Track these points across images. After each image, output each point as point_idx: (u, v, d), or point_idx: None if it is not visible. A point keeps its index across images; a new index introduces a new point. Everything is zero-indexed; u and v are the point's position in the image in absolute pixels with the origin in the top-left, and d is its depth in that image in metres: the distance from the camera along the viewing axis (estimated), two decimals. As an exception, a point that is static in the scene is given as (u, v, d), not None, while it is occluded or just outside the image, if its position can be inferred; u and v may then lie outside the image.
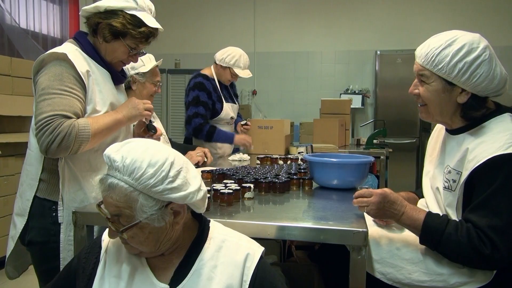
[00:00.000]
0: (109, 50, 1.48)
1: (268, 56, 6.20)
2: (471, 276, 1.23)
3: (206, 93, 2.76)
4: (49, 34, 4.79)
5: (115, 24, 1.41)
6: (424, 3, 5.71)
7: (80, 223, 1.30)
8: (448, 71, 1.23)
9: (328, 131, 3.70)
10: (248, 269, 0.95)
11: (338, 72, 6.07)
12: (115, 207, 0.89)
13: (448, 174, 1.29)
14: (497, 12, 5.52)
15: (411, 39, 5.71)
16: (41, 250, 1.42)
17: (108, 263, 0.99)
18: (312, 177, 1.75)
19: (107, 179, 0.89)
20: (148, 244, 0.92)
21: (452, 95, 1.27)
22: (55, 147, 1.27)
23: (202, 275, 0.94)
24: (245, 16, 6.24)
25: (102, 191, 0.90)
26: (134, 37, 1.46)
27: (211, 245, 0.98)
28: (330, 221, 1.22)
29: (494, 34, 5.48)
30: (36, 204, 1.42)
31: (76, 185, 1.42)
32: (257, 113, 6.25)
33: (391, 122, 5.19)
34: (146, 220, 0.89)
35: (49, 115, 1.28)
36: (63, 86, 1.32)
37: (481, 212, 1.17)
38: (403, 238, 1.34)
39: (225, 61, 2.80)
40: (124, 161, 0.88)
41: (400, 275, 1.26)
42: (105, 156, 0.91)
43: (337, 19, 5.99)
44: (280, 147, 2.96)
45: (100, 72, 1.46)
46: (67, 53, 1.36)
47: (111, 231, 0.93)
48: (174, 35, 6.40)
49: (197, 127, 2.69)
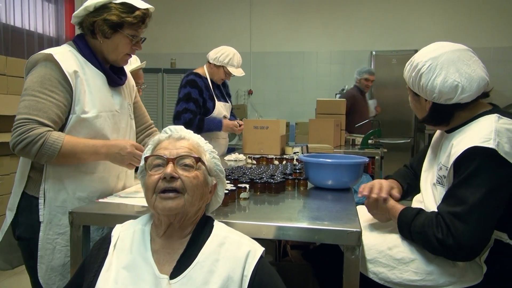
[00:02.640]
0: (111, 47, 1.47)
1: (264, 56, 6.22)
2: (461, 275, 1.25)
3: (197, 90, 2.78)
4: (44, 34, 4.78)
5: (110, 17, 1.41)
6: (419, 4, 5.75)
7: (77, 223, 1.30)
8: (408, 83, 1.43)
9: (323, 131, 3.71)
10: (249, 265, 0.99)
11: (333, 72, 6.10)
12: (187, 149, 1.07)
13: (440, 171, 1.35)
14: (491, 14, 5.56)
15: (406, 39, 5.76)
16: (28, 245, 1.43)
17: (115, 256, 1.03)
18: (307, 177, 1.76)
19: (181, 134, 1.12)
20: (198, 193, 1.04)
21: (421, 103, 1.42)
22: (19, 150, 1.31)
23: (203, 268, 0.98)
24: (241, 16, 6.25)
25: (172, 139, 1.10)
26: (131, 24, 1.45)
27: (214, 240, 1.03)
28: (325, 221, 1.23)
29: (487, 35, 5.53)
30: (25, 200, 1.43)
31: (58, 184, 1.41)
32: (253, 113, 6.27)
33: (386, 122, 5.22)
34: (207, 164, 1.10)
35: (24, 118, 1.31)
36: (42, 89, 1.33)
37: (448, 201, 1.24)
38: (394, 238, 1.36)
39: (219, 60, 2.82)
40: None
41: (392, 274, 1.29)
42: (169, 129, 1.15)
43: (332, 20, 6.02)
44: (276, 147, 2.97)
45: (93, 74, 1.45)
46: (53, 53, 1.36)
47: (172, 169, 1.02)
48: (170, 35, 6.41)
49: (187, 122, 2.71)
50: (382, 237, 1.38)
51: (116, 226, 1.10)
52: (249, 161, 2.47)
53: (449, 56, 1.30)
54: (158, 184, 1.01)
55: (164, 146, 1.08)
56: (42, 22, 4.76)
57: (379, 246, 1.33)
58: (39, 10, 4.69)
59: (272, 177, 1.72)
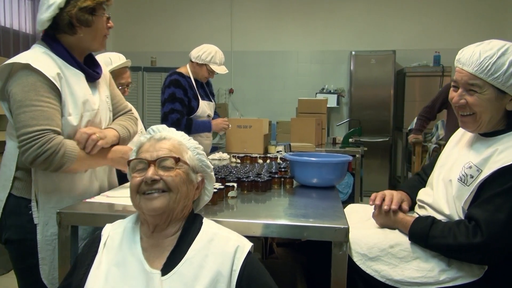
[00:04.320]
0: (93, 35, 1.43)
1: (244, 55, 6.23)
2: (461, 271, 1.27)
3: (182, 90, 2.78)
4: (20, 30, 4.67)
5: (85, 4, 1.37)
6: (396, 6, 5.87)
7: (65, 223, 1.30)
8: (505, 80, 1.24)
9: (305, 130, 3.76)
10: (238, 260, 1.01)
11: (313, 71, 6.16)
12: (168, 150, 1.07)
13: (468, 169, 1.30)
14: (462, 17, 5.73)
15: (385, 40, 5.87)
16: (18, 248, 1.41)
17: (105, 254, 1.04)
18: (293, 176, 1.80)
19: (162, 135, 1.12)
20: (182, 191, 1.06)
21: (503, 102, 1.29)
22: (40, 162, 1.28)
23: (193, 263, 1.00)
24: (222, 14, 6.24)
25: (154, 139, 1.10)
26: (102, 3, 1.42)
27: (203, 236, 1.05)
28: (313, 219, 1.27)
29: (459, 37, 5.69)
30: (12, 203, 1.40)
31: (50, 185, 1.39)
32: (234, 111, 6.28)
33: (365, 121, 5.32)
34: (189, 162, 1.10)
35: (38, 129, 1.27)
36: (40, 97, 1.30)
37: (485, 207, 1.21)
38: (395, 236, 1.38)
39: (201, 58, 2.83)
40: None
41: (394, 272, 1.30)
42: (151, 129, 1.15)
43: (313, 20, 6.08)
44: (259, 146, 2.99)
45: (71, 73, 1.42)
46: (31, 62, 1.31)
47: (153, 172, 1.03)
48: (150, 33, 6.35)
49: (175, 122, 2.70)
50: (382, 234, 1.39)
51: (106, 225, 1.11)
52: (234, 160, 2.49)
53: None
54: (141, 186, 1.04)
55: (145, 149, 1.09)
56: (18, 18, 4.64)
57: (380, 245, 1.34)
58: (15, 6, 4.57)
59: (259, 176, 1.74)
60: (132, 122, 1.65)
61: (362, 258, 1.32)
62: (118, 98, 1.68)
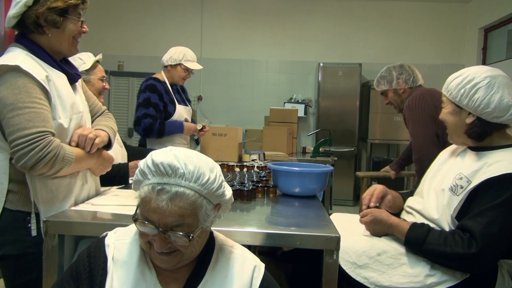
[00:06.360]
0: (62, 37, 1.39)
1: (214, 62, 6.24)
2: (445, 275, 1.37)
3: (157, 95, 2.77)
4: (-19, 28, 4.45)
5: (55, 4, 1.33)
6: (363, 21, 6.10)
7: (52, 232, 1.26)
8: (454, 95, 1.46)
9: (277, 139, 3.82)
10: (256, 279, 1.02)
11: (282, 81, 6.27)
12: (179, 216, 0.87)
13: (459, 180, 1.42)
14: (426, 34, 6.04)
15: (352, 53, 6.08)
16: (17, 263, 1.34)
17: (117, 275, 0.97)
18: (276, 185, 1.83)
19: (171, 188, 0.86)
20: (198, 249, 0.95)
21: (462, 117, 1.47)
22: (42, 166, 1.23)
23: (214, 285, 0.98)
24: (192, 21, 6.23)
25: (160, 201, 0.86)
26: (76, 5, 1.39)
27: (220, 256, 1.03)
28: (304, 228, 1.31)
29: (422, 53, 6.00)
30: (7, 217, 1.33)
31: (48, 194, 1.35)
32: (202, 118, 6.25)
33: (332, 131, 5.46)
34: (208, 224, 0.93)
35: (36, 131, 1.22)
36: (32, 99, 1.25)
37: (478, 219, 1.32)
38: (382, 244, 1.46)
39: (174, 58, 2.85)
40: (187, 168, 0.88)
41: (382, 278, 1.39)
42: (162, 164, 0.88)
43: (282, 30, 6.19)
44: (234, 154, 3.02)
45: (56, 75, 1.38)
46: (19, 64, 1.26)
47: (163, 243, 0.89)
48: (118, 37, 6.23)
49: (147, 127, 2.69)
50: (370, 242, 1.46)
51: (109, 234, 1.02)
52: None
53: (504, 79, 1.41)
54: (151, 246, 0.93)
55: (152, 208, 0.88)
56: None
57: (368, 253, 1.42)
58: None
59: (243, 185, 1.76)
60: (113, 121, 1.65)
61: (352, 266, 1.37)
62: (93, 100, 1.66)
